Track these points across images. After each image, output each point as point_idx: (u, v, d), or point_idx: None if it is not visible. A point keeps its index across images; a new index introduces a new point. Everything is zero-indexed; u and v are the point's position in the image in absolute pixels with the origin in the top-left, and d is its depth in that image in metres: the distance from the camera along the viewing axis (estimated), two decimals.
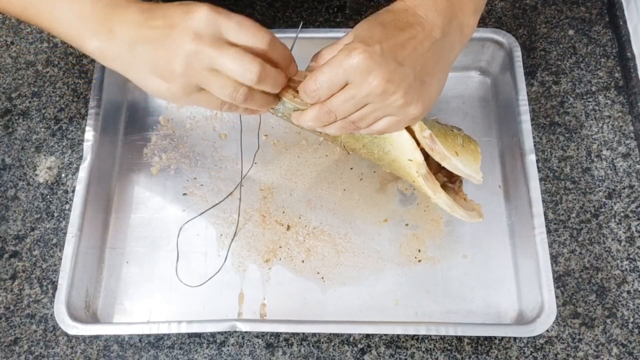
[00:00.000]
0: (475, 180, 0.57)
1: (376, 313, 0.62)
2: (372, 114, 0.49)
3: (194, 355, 0.61)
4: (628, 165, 0.68)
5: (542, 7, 0.77)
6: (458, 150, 0.57)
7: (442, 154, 0.55)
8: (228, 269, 0.64)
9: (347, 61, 0.45)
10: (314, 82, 0.47)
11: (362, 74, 0.45)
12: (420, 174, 0.56)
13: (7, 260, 0.66)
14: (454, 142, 0.57)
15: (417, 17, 0.48)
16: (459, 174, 0.57)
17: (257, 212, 0.67)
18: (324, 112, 0.49)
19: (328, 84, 0.46)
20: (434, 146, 0.55)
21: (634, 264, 0.64)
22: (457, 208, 0.58)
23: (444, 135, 0.57)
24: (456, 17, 0.49)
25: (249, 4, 0.79)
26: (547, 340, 0.61)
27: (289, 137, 0.70)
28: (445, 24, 0.48)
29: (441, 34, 0.48)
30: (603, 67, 0.73)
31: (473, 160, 0.57)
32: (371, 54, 0.45)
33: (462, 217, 0.58)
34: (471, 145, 0.58)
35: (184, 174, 0.69)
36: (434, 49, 0.48)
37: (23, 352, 0.62)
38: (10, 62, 0.77)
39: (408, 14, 0.48)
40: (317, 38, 0.69)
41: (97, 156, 0.65)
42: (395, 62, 0.46)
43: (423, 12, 0.48)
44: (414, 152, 0.56)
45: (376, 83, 0.45)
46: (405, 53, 0.46)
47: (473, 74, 0.73)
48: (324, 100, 0.48)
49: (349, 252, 0.64)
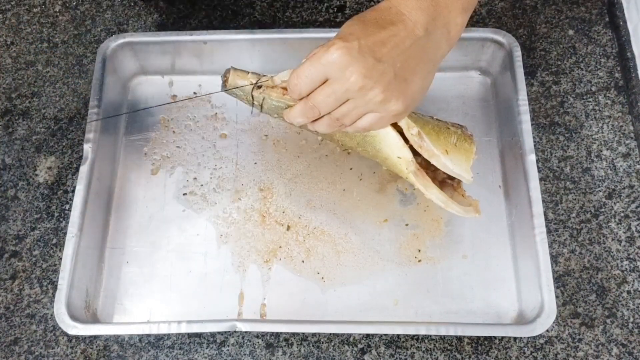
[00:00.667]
0: (465, 180, 0.58)
1: (376, 313, 0.62)
2: (354, 111, 0.50)
3: (194, 355, 0.61)
4: (628, 165, 0.68)
5: (542, 7, 0.77)
6: (449, 149, 0.57)
7: (430, 151, 0.56)
8: (228, 269, 0.64)
9: (326, 57, 0.47)
10: (296, 76, 0.49)
11: (340, 69, 0.47)
12: (409, 170, 0.57)
13: (7, 260, 0.66)
14: (447, 140, 0.57)
15: (399, 15, 0.48)
16: (448, 172, 0.58)
17: (257, 212, 0.67)
18: (309, 107, 0.51)
19: (309, 78, 0.49)
20: (422, 143, 0.56)
21: (634, 264, 0.64)
22: (452, 203, 0.58)
23: (437, 133, 0.57)
24: (441, 16, 0.49)
25: (249, 4, 0.79)
26: (547, 340, 0.61)
27: (289, 137, 0.70)
28: (429, 22, 0.49)
29: (424, 32, 0.48)
30: (603, 67, 0.73)
31: (464, 159, 0.57)
32: (349, 49, 0.46)
33: (457, 213, 0.59)
34: (465, 144, 0.58)
35: (184, 174, 0.69)
36: (416, 46, 0.48)
37: (23, 352, 0.62)
38: (10, 62, 0.77)
39: (391, 12, 0.49)
40: (317, 38, 0.69)
41: (97, 156, 0.65)
42: (374, 59, 0.47)
43: (407, 10, 0.48)
44: (402, 150, 0.57)
45: (354, 78, 0.47)
46: (385, 50, 0.47)
47: (473, 74, 0.73)
48: (305, 94, 0.50)
49: (349, 252, 0.64)
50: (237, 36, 0.70)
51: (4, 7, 0.81)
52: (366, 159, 0.67)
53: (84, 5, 0.80)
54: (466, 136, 0.59)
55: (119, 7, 0.80)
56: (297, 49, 0.70)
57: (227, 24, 0.78)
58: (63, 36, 0.78)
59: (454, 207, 0.58)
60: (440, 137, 0.57)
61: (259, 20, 0.78)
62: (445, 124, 0.59)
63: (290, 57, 0.71)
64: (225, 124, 0.71)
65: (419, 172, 0.58)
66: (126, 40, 0.70)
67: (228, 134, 0.71)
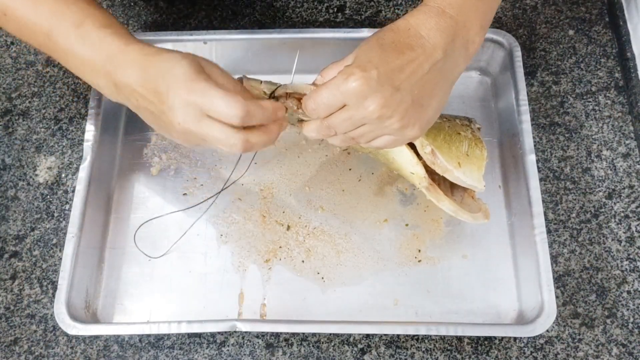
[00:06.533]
0: (477, 189, 0.58)
1: (376, 313, 0.62)
2: (370, 133, 0.50)
3: (194, 355, 0.61)
4: (628, 165, 0.68)
5: (542, 7, 0.77)
6: (461, 161, 0.57)
7: (443, 167, 0.57)
8: (228, 269, 0.64)
9: (344, 85, 0.46)
10: (312, 101, 0.49)
11: (359, 99, 0.46)
12: (422, 185, 0.58)
13: (7, 260, 0.66)
14: (459, 150, 0.58)
15: (418, 38, 0.47)
16: (461, 185, 0.58)
17: (257, 212, 0.67)
18: (325, 126, 0.51)
19: (326, 105, 0.48)
20: (435, 160, 0.57)
21: (634, 264, 0.64)
22: (462, 212, 0.59)
23: (449, 144, 0.57)
24: (460, 35, 0.48)
25: (249, 4, 0.79)
26: (547, 340, 0.61)
27: (289, 137, 0.70)
28: (448, 44, 0.48)
29: (443, 54, 0.48)
30: (603, 67, 0.73)
31: (476, 169, 0.58)
32: (367, 79, 0.45)
33: (467, 220, 0.59)
34: (476, 151, 0.58)
35: (184, 174, 0.69)
36: (435, 69, 0.48)
37: (23, 352, 0.62)
38: (10, 62, 0.77)
39: (410, 34, 0.48)
40: (317, 38, 0.69)
41: (97, 156, 0.65)
42: (392, 88, 0.46)
43: (425, 32, 0.48)
44: (415, 167, 0.58)
45: (372, 108, 0.46)
46: (403, 77, 0.47)
47: (473, 74, 0.73)
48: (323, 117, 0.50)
49: (349, 252, 0.64)
50: (237, 36, 0.70)
51: None
52: (366, 159, 0.68)
53: None
54: (476, 139, 0.59)
55: (119, 7, 0.80)
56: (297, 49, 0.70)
57: (227, 24, 0.78)
58: None
59: (464, 215, 0.59)
60: (452, 148, 0.57)
61: (259, 20, 0.78)
62: (454, 128, 0.59)
63: (290, 57, 0.71)
64: None
65: (432, 187, 0.58)
66: None
67: None
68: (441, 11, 0.48)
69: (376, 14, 0.78)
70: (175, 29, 0.77)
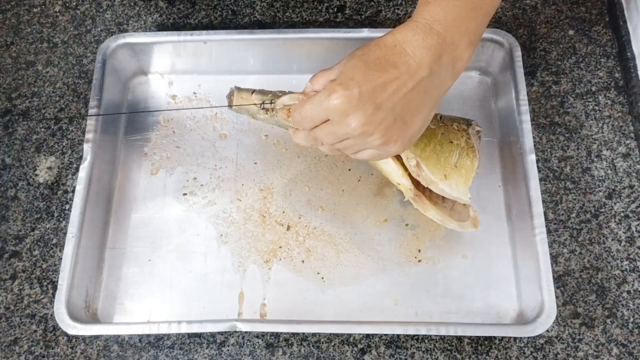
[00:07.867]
0: (463, 202, 0.58)
1: (376, 313, 0.62)
2: (354, 146, 0.51)
3: (194, 355, 0.61)
4: (628, 165, 0.68)
5: (542, 7, 0.77)
6: (448, 173, 0.58)
7: (428, 179, 0.58)
8: (228, 269, 0.64)
9: (327, 102, 0.47)
10: (298, 114, 0.51)
11: (340, 116, 0.47)
12: (409, 196, 0.60)
13: (7, 260, 0.66)
14: (447, 161, 0.58)
15: (403, 56, 0.47)
16: (446, 197, 0.59)
17: (257, 212, 0.67)
18: (311, 137, 0.52)
19: (310, 118, 0.50)
20: (420, 173, 0.58)
21: (634, 264, 0.64)
22: (449, 221, 0.60)
23: (437, 155, 0.58)
24: (447, 52, 0.48)
25: (249, 4, 0.79)
26: (547, 340, 0.61)
27: (289, 137, 0.70)
28: (434, 61, 0.47)
29: (428, 72, 0.47)
30: (603, 67, 0.73)
31: (463, 181, 0.58)
32: (349, 98, 0.46)
33: (455, 229, 0.60)
34: (467, 162, 0.58)
35: (184, 174, 0.69)
36: (419, 87, 0.48)
37: (23, 352, 0.62)
38: (10, 62, 0.77)
39: (395, 51, 0.47)
40: (317, 38, 0.69)
41: (97, 156, 0.65)
42: (373, 106, 0.47)
43: (411, 49, 0.47)
44: (401, 179, 0.59)
45: (354, 125, 0.47)
46: (385, 95, 0.47)
47: (473, 74, 0.73)
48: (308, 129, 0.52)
49: (349, 252, 0.64)
50: (237, 36, 0.70)
51: (4, 7, 0.81)
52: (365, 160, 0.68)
53: (84, 5, 0.80)
54: (469, 147, 0.59)
55: (119, 7, 0.80)
56: (297, 49, 0.70)
57: (227, 24, 0.78)
58: (63, 36, 0.78)
59: (452, 224, 0.60)
60: (441, 159, 0.58)
61: (259, 20, 0.78)
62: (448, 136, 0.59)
63: (290, 57, 0.71)
64: (225, 124, 0.71)
65: (418, 197, 0.59)
66: (126, 40, 0.70)
67: (228, 134, 0.71)
68: (429, 28, 0.47)
69: (376, 14, 0.78)
70: (175, 29, 0.77)
